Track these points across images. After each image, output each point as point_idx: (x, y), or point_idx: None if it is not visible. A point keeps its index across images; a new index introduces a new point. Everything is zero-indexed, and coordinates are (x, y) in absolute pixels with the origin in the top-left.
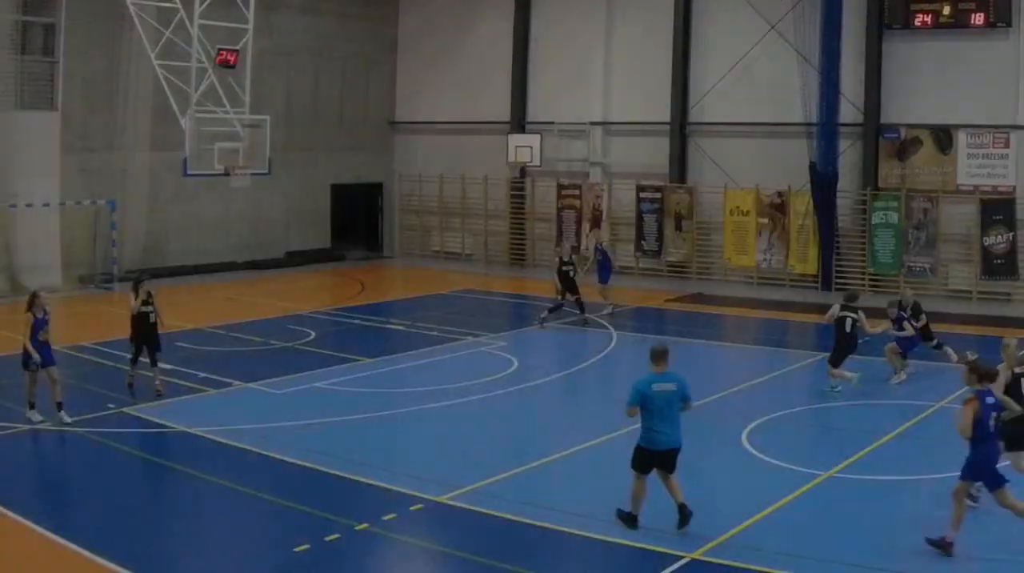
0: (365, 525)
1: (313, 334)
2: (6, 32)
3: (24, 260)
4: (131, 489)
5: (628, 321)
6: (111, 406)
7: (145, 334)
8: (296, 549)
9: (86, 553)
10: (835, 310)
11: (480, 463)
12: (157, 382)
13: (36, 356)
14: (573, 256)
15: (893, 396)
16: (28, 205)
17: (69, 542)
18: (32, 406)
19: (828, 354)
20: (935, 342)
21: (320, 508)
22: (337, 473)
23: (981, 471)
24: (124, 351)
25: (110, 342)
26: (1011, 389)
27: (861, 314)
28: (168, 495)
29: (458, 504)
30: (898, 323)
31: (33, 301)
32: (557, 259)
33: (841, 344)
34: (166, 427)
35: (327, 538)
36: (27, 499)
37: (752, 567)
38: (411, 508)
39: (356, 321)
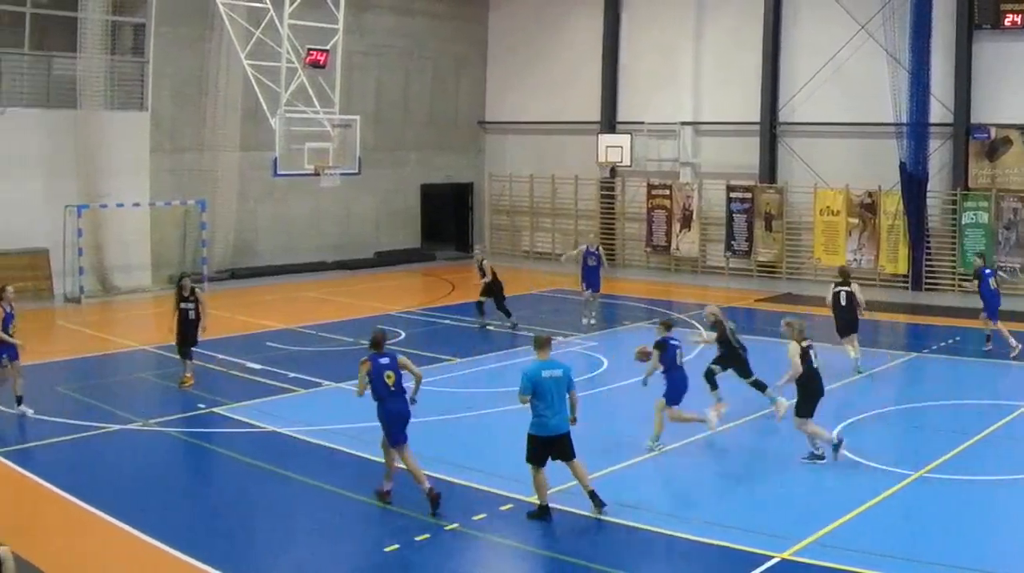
0: (455, 525)
1: (403, 334)
2: (97, 33)
3: (114, 260)
4: (220, 488)
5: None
6: (201, 406)
7: (184, 330)
8: (386, 549)
9: (175, 552)
10: (831, 288)
11: None
12: (187, 373)
13: (13, 345)
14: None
15: (983, 396)
16: (119, 205)
17: (158, 541)
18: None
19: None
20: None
21: (410, 508)
22: (427, 473)
23: (387, 427)
24: (214, 351)
25: (200, 342)
26: (803, 359)
27: (856, 287)
28: (257, 494)
29: (548, 504)
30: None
31: (1, 296)
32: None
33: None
34: (256, 427)
35: (417, 538)
36: (116, 498)
37: (842, 567)
38: (501, 508)
39: (446, 321)
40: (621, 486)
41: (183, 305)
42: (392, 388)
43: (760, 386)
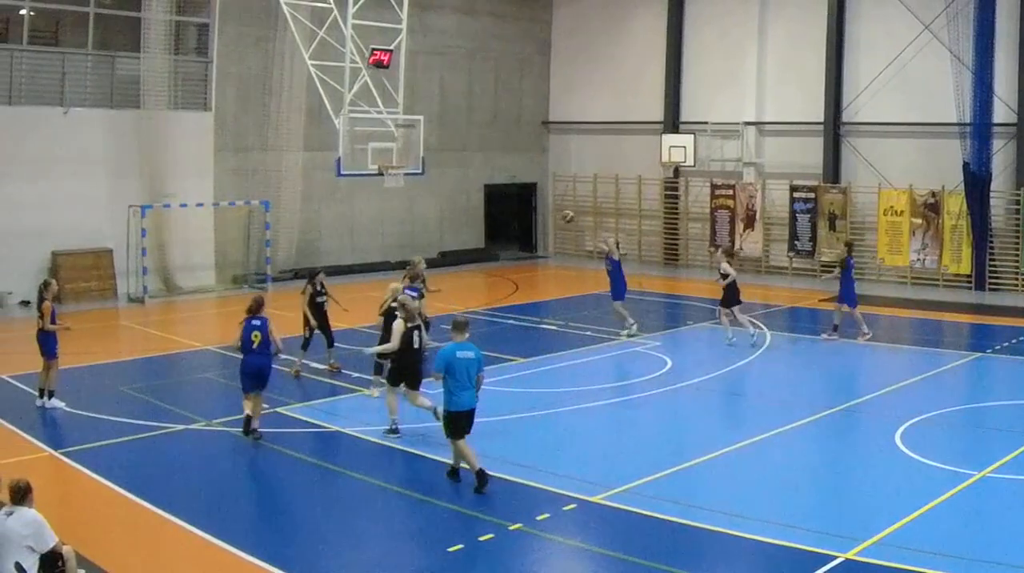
0: (519, 525)
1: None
2: (160, 33)
3: (177, 260)
4: (285, 488)
5: (782, 321)
6: (266, 406)
7: (320, 322)
8: (450, 549)
9: (239, 552)
10: (727, 267)
11: (634, 463)
12: (332, 361)
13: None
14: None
15: None
16: (182, 205)
17: (222, 541)
18: (50, 394)
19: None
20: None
21: (474, 508)
22: (491, 473)
23: (244, 377)
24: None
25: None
26: (404, 338)
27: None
28: (322, 494)
29: (612, 504)
30: None
31: (48, 288)
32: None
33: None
34: (321, 427)
35: (481, 538)
36: (180, 498)
37: (906, 567)
38: (564, 508)
39: (510, 321)
40: (685, 486)
41: (319, 298)
42: (255, 346)
43: (379, 369)
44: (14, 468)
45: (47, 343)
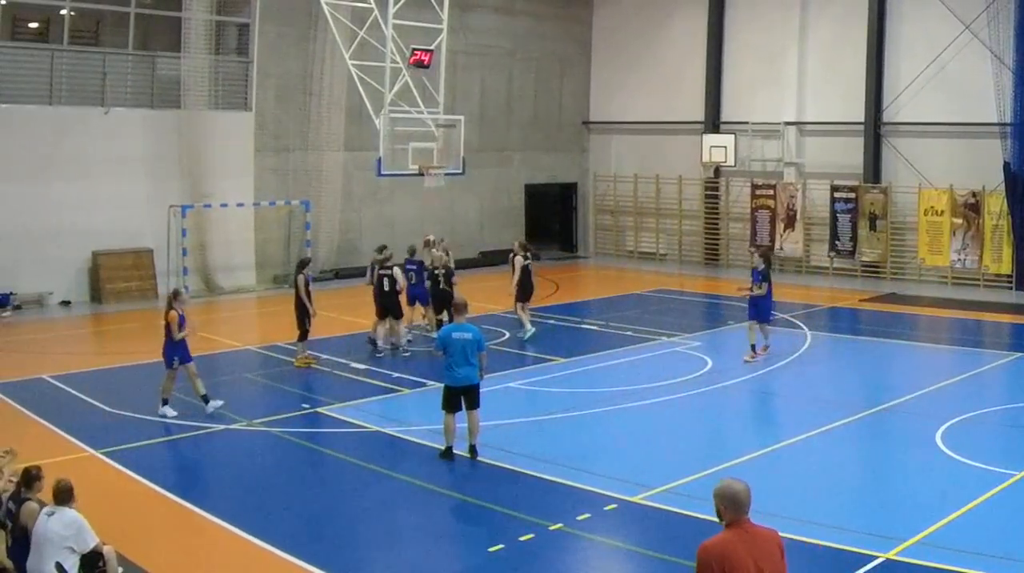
0: (559, 525)
1: (507, 334)
2: (201, 33)
3: (218, 260)
4: (325, 488)
5: (823, 321)
6: (305, 406)
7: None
8: (490, 549)
9: (279, 552)
10: (520, 260)
11: (674, 463)
12: (305, 353)
13: (186, 347)
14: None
15: None
16: (223, 205)
17: (263, 541)
18: (166, 402)
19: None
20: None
21: (514, 508)
22: (531, 473)
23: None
24: (319, 351)
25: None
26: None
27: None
28: (362, 494)
29: (652, 504)
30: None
31: (176, 297)
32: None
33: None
34: (360, 427)
35: (521, 538)
36: (220, 498)
37: (947, 567)
38: (605, 508)
39: (551, 321)
40: None
41: (383, 271)
42: (412, 282)
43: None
44: (56, 468)
45: (167, 352)
